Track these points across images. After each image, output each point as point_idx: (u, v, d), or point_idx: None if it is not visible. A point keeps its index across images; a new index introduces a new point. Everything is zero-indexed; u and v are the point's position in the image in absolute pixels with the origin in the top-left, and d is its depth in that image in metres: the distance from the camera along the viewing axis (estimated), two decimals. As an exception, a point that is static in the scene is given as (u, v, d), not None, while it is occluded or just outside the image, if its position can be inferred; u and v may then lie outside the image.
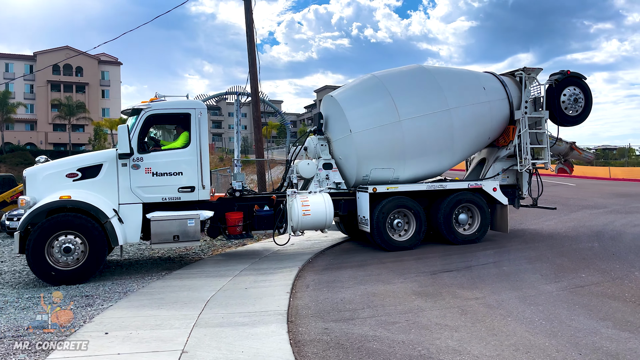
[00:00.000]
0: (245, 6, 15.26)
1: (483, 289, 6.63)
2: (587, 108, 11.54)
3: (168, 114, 8.99)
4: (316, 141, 10.60)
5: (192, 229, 8.54)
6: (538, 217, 13.55)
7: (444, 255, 9.10)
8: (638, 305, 5.66)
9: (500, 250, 9.34)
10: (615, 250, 8.89)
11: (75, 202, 7.94)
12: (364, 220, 9.97)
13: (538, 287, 6.59)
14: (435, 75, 10.68)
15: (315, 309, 5.99)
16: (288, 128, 18.69)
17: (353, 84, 11.07)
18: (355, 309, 5.89)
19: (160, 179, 8.58)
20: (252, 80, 15.53)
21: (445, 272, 7.76)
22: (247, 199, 9.80)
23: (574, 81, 11.46)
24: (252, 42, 15.37)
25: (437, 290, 6.62)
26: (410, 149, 10.14)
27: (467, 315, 5.51)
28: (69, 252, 7.84)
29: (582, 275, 7.15)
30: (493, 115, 10.89)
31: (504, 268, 7.84)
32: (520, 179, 11.42)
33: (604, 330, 4.86)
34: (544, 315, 5.38)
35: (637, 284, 6.53)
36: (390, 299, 6.30)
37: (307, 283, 7.36)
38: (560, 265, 7.91)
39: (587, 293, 6.22)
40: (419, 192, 10.33)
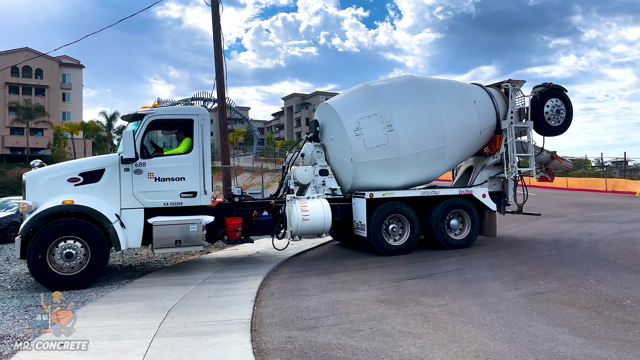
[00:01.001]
0: (213, 12, 15.15)
1: (446, 296, 6.72)
2: (568, 119, 12.10)
3: (171, 119, 9.06)
4: (312, 148, 10.79)
5: (194, 234, 8.58)
6: (500, 225, 13.83)
7: (408, 263, 9.20)
8: (593, 311, 5.85)
9: (462, 258, 9.51)
10: (572, 258, 9.18)
11: (79, 207, 7.90)
12: (360, 226, 10.16)
13: (498, 294, 6.73)
14: (428, 86, 11.04)
15: (279, 317, 5.94)
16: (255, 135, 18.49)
17: (349, 93, 11.22)
18: (319, 317, 5.87)
19: (163, 184, 8.61)
20: (219, 87, 15.41)
21: (409, 279, 7.85)
22: (246, 204, 9.84)
23: (556, 93, 11.98)
24: (219, 48, 15.27)
25: (401, 298, 6.68)
26: (404, 157, 10.40)
27: (430, 322, 5.57)
28: (70, 258, 7.79)
29: (541, 283, 7.35)
30: (481, 125, 11.32)
31: (466, 275, 7.99)
32: (506, 186, 11.86)
33: (561, 336, 5.00)
34: (503, 322, 5.49)
35: (592, 291, 6.76)
36: (354, 306, 6.31)
37: (271, 291, 7.31)
38: (520, 272, 8.11)
39: (545, 300, 6.39)
40: (413, 198, 10.66)
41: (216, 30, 15.22)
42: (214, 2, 15.03)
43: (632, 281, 7.27)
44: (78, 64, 71.78)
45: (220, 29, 15.25)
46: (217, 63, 15.19)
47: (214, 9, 15.10)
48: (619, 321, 5.43)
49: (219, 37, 15.27)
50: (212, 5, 15.10)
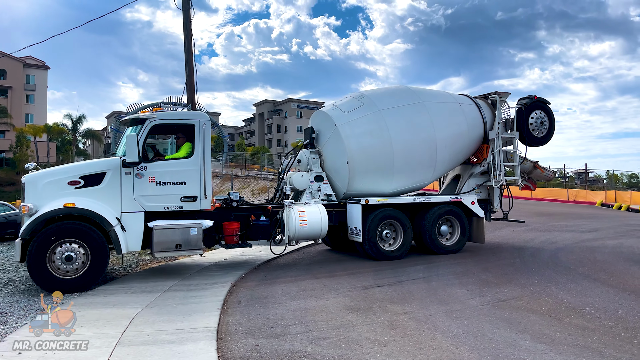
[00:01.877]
0: (184, 16, 15.01)
1: (412, 303, 6.79)
2: (551, 130, 12.58)
3: (173, 124, 9.06)
4: (308, 154, 10.97)
5: (195, 238, 8.64)
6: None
7: (377, 271, 9.25)
8: (554, 318, 6.00)
9: (429, 266, 9.63)
10: (535, 267, 9.41)
11: (81, 210, 7.93)
12: (355, 231, 10.37)
13: (464, 302, 6.84)
14: (421, 96, 11.40)
15: (246, 325, 5.88)
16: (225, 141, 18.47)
17: (346, 102, 11.34)
18: (287, 325, 5.84)
19: (164, 188, 8.64)
20: (189, 92, 15.23)
21: (377, 286, 7.89)
22: (243, 209, 9.91)
23: (540, 105, 12.45)
24: (190, 53, 15.12)
25: (369, 305, 6.71)
26: (398, 165, 10.71)
27: (397, 329, 5.61)
28: (70, 261, 7.80)
29: (505, 290, 7.50)
30: (470, 135, 11.75)
31: (433, 283, 8.09)
32: (492, 194, 12.21)
33: (523, 343, 5.10)
34: (468, 329, 5.58)
35: (553, 298, 6.94)
36: (322, 314, 6.31)
37: (239, 299, 7.23)
38: (485, 280, 8.26)
39: (509, 307, 6.53)
40: (406, 204, 10.95)
41: (187, 35, 15.07)
42: (185, 7, 14.89)
43: (591, 289, 7.49)
44: (43, 65, 69.94)
45: (191, 33, 15.11)
46: (187, 67, 15.02)
47: (185, 13, 14.96)
48: (579, 328, 5.59)
49: (190, 42, 15.12)
50: (183, 9, 14.96)
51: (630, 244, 12.74)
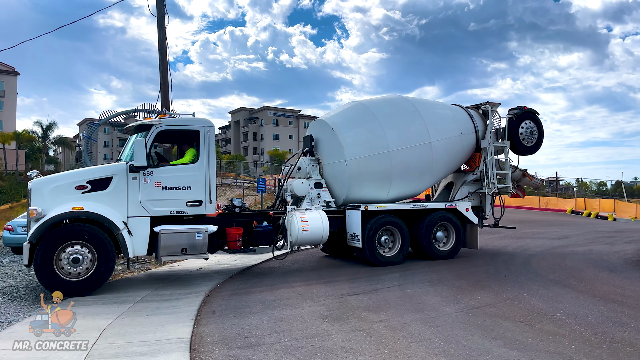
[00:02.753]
0: (159, 23, 14.87)
1: (388, 311, 6.80)
2: (540, 139, 12.98)
3: (178, 130, 9.23)
4: (308, 162, 11.25)
5: (200, 242, 8.79)
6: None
7: (352, 279, 9.25)
8: (526, 324, 6.08)
9: (405, 273, 9.67)
10: (508, 273, 9.55)
11: (89, 213, 8.06)
12: (354, 237, 10.57)
13: (438, 309, 6.89)
14: (416, 106, 11.72)
15: (220, 335, 5.80)
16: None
17: (344, 111, 11.66)
18: (261, 335, 5.78)
19: (170, 192, 8.77)
20: (164, 99, 15.06)
21: (352, 295, 7.88)
22: (246, 215, 10.06)
23: (530, 116, 12.86)
24: (165, 60, 14.97)
25: (344, 314, 6.69)
26: (396, 172, 11.01)
27: (372, 337, 5.61)
28: (77, 263, 7.91)
29: (478, 297, 7.58)
30: (463, 144, 12.14)
31: (408, 291, 8.12)
32: (484, 201, 12.56)
33: (496, 349, 5.16)
34: (442, 336, 5.61)
35: (526, 305, 7.04)
36: (297, 323, 6.26)
37: (213, 309, 7.13)
38: (459, 287, 8.34)
39: (482, 314, 6.59)
40: (404, 210, 11.23)
41: (162, 42, 14.93)
42: (160, 13, 14.76)
43: (562, 295, 7.64)
44: (13, 70, 68.28)
45: (166, 40, 14.98)
46: (162, 75, 14.87)
47: (159, 20, 14.82)
48: (550, 334, 5.68)
49: (165, 49, 14.98)
50: (158, 16, 14.83)
51: (599, 251, 13.06)
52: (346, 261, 11.22)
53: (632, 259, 11.39)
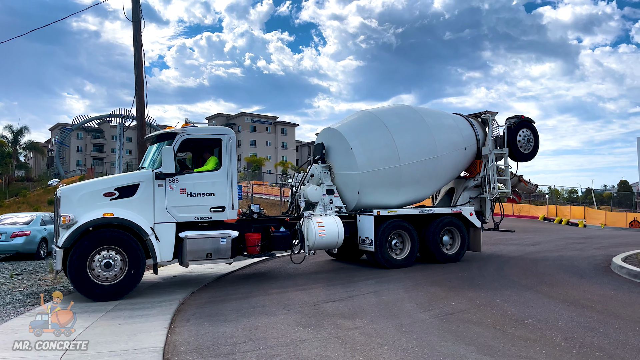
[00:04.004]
0: (134, 28, 14.71)
1: (363, 318, 6.82)
2: (536, 147, 13.62)
3: (202, 138, 9.59)
4: (320, 169, 11.61)
5: (224, 247, 9.09)
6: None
7: (328, 286, 9.26)
8: (498, 330, 6.17)
9: (380, 280, 9.72)
10: (481, 280, 9.69)
11: (120, 220, 8.30)
12: (367, 241, 11.03)
13: (413, 316, 6.94)
14: (423, 116, 12.30)
15: (194, 344, 5.73)
16: (176, 155, 18.03)
17: (354, 120, 12.14)
18: (236, 343, 5.73)
19: (194, 199, 9.02)
20: (139, 104, 14.89)
21: (328, 302, 7.89)
22: (263, 221, 10.36)
23: (527, 124, 13.48)
24: (140, 65, 14.81)
25: (320, 321, 6.68)
26: (405, 179, 11.52)
27: (347, 345, 5.62)
28: (109, 267, 8.13)
29: (452, 303, 7.67)
30: (466, 151, 12.74)
31: (383, 297, 8.16)
32: (484, 205, 13.13)
33: (469, 355, 5.22)
34: (417, 343, 5.65)
35: (498, 311, 7.15)
36: (273, 331, 6.23)
37: (187, 317, 7.05)
38: (433, 293, 8.42)
39: (456, 320, 6.67)
40: (413, 215, 11.77)
41: (137, 46, 14.77)
42: (136, 18, 14.61)
43: (534, 300, 7.78)
44: (-18, 73, 66.59)
45: (141, 45, 14.82)
46: (137, 79, 14.70)
47: (135, 24, 14.67)
48: (522, 339, 5.77)
49: (140, 54, 14.82)
50: (134, 20, 14.68)
51: (570, 257, 13.36)
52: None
53: (601, 265, 11.68)
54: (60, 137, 59.90)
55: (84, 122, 61.10)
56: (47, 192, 37.91)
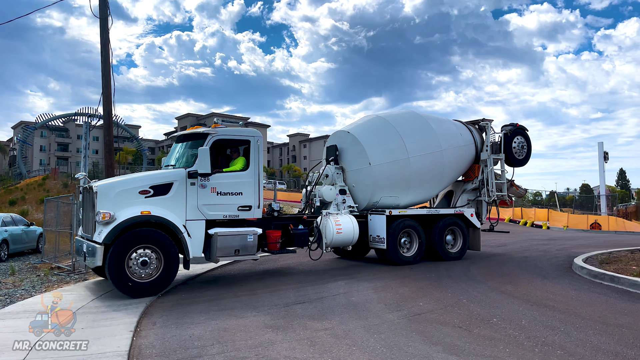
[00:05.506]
0: (101, 25, 14.40)
1: (332, 319, 6.84)
2: (529, 153, 14.48)
3: (231, 139, 9.85)
4: (333, 170, 12.16)
5: (251, 244, 9.45)
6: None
7: (299, 287, 9.25)
8: (464, 330, 6.29)
9: (350, 281, 9.77)
10: (448, 280, 9.84)
11: (158, 218, 8.51)
12: (378, 239, 11.62)
13: (382, 316, 6.99)
14: (428, 120, 13.00)
15: (160, 347, 5.63)
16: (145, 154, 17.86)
17: (364, 123, 12.73)
18: (204, 346, 5.67)
19: (224, 197, 9.35)
20: (106, 103, 14.58)
21: (298, 303, 7.88)
22: (283, 219, 10.81)
23: (521, 132, 14.37)
24: (107, 63, 14.51)
25: (289, 323, 6.67)
26: (414, 180, 12.18)
27: (316, 346, 5.62)
28: (145, 265, 8.31)
29: (420, 304, 7.77)
30: (467, 155, 13.56)
31: (353, 298, 8.20)
32: (480, 208, 13.90)
33: (435, 355, 5.30)
34: (385, 343, 5.70)
35: (465, 311, 7.28)
36: (241, 333, 6.19)
37: (154, 320, 6.92)
38: (402, 294, 8.52)
39: (423, 320, 6.76)
40: (420, 215, 12.41)
41: (104, 44, 14.47)
42: (103, 15, 14.31)
43: (499, 300, 7.95)
44: (-60, 68, 64.01)
45: (108, 42, 14.53)
46: (104, 78, 14.40)
47: (102, 21, 14.37)
48: (487, 338, 5.89)
49: (108, 51, 14.53)
50: (101, 17, 14.37)
51: (534, 257, 13.72)
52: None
53: (563, 266, 12.03)
54: (22, 135, 58.09)
55: (48, 120, 59.39)
56: (8, 192, 36.66)
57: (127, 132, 53.15)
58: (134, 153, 71.49)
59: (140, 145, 50.14)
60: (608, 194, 51.06)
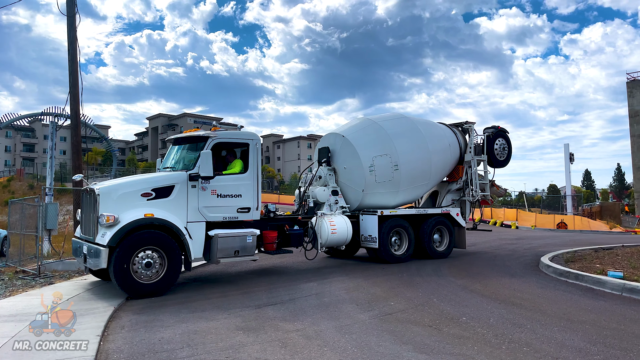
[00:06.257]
0: (68, 22, 14.08)
1: (304, 320, 6.84)
2: (509, 155, 15.09)
3: (231, 142, 10.07)
4: (326, 171, 12.43)
5: (250, 245, 9.67)
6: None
7: (271, 289, 9.22)
8: (434, 329, 6.37)
9: (322, 282, 9.79)
10: (419, 280, 9.96)
11: (161, 220, 8.61)
12: (370, 239, 11.97)
13: (353, 317, 7.03)
14: (415, 123, 13.47)
15: (128, 352, 5.53)
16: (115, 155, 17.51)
17: (355, 125, 12.99)
18: (173, 349, 5.59)
19: (224, 200, 9.52)
20: (73, 102, 14.26)
21: (270, 305, 7.85)
22: (278, 220, 11.05)
23: (502, 134, 14.97)
24: (75, 61, 14.20)
25: (260, 324, 6.64)
26: (403, 180, 12.51)
27: (287, 347, 5.61)
28: (149, 267, 8.45)
29: (391, 304, 7.84)
30: (452, 156, 14.00)
31: (325, 299, 8.22)
32: (463, 207, 14.31)
33: (405, 354, 5.35)
34: (356, 344, 5.73)
35: (435, 310, 7.38)
36: (212, 335, 6.13)
37: (122, 324, 6.79)
38: (374, 294, 8.57)
39: (394, 320, 6.82)
40: (410, 215, 12.83)
41: (72, 42, 14.15)
42: (70, 12, 14.00)
43: (468, 299, 8.09)
44: None
45: (76, 40, 14.22)
46: (72, 77, 14.08)
47: (69, 19, 14.05)
48: (456, 337, 5.99)
49: (75, 50, 14.21)
50: (68, 15, 14.05)
51: (503, 256, 14.01)
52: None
53: (530, 264, 12.31)
54: (-14, 135, 56.22)
55: (13, 120, 57.57)
56: (-30, 194, 35.44)
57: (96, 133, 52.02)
58: (104, 154, 70.09)
59: (109, 146, 49.08)
60: (574, 194, 52.51)
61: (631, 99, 53.89)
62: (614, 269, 9.97)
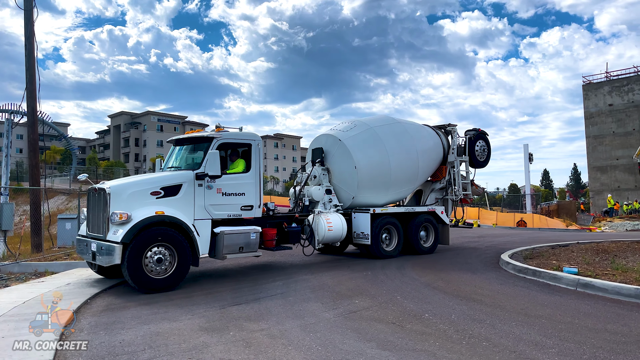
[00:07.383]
0: (25, 17, 13.63)
1: (269, 320, 6.83)
2: (488, 156, 15.96)
3: (234, 142, 10.47)
4: (320, 170, 12.89)
5: (254, 241, 10.06)
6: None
7: (235, 289, 9.16)
8: (397, 326, 6.47)
9: (288, 281, 9.79)
10: (384, 277, 10.09)
11: (171, 218, 8.93)
12: (363, 236, 12.53)
13: (318, 315, 7.07)
14: (403, 124, 14.21)
15: (87, 355, 5.40)
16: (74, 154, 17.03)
17: (348, 126, 13.46)
18: (134, 352, 5.49)
19: (229, 198, 9.93)
20: (30, 99, 13.83)
21: (234, 305, 7.80)
22: (276, 217, 11.49)
23: (482, 136, 15.78)
24: (32, 57, 13.76)
25: (225, 325, 6.60)
26: (393, 179, 13.17)
27: (251, 347, 5.60)
28: (160, 263, 8.76)
29: (356, 302, 7.91)
30: (436, 157, 14.79)
31: (290, 298, 8.23)
32: (446, 205, 15.03)
33: (369, 351, 5.42)
34: (320, 342, 5.77)
35: (398, 307, 7.49)
36: (174, 337, 6.05)
37: (81, 327, 6.62)
38: (338, 292, 8.64)
39: (359, 318, 6.89)
40: (399, 213, 13.50)
41: (29, 37, 13.71)
42: (27, 6, 13.56)
43: (431, 296, 8.25)
44: None
45: (33, 35, 13.79)
46: (28, 72, 13.65)
47: (26, 13, 13.60)
48: (418, 333, 6.10)
49: (32, 45, 13.78)
50: (25, 9, 13.60)
51: (465, 254, 14.31)
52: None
53: (491, 262, 12.63)
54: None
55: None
56: None
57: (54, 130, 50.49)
58: (63, 152, 67.97)
59: (69, 144, 47.60)
60: (533, 193, 54.16)
61: (587, 102, 55.96)
62: (569, 265, 10.35)
